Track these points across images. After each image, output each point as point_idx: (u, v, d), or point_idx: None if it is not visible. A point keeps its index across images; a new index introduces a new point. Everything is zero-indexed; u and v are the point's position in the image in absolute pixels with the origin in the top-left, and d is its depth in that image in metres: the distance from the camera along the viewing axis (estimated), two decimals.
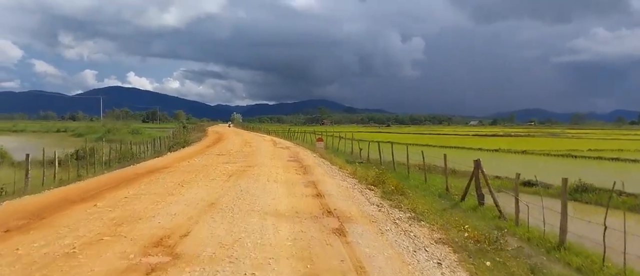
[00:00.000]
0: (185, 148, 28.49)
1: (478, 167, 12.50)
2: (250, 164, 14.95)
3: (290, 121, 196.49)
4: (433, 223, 8.10)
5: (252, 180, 10.63)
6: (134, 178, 11.44)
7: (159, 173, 12.45)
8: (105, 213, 6.79)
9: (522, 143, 47.77)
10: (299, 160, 17.55)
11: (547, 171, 21.99)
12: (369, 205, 8.38)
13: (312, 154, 22.63)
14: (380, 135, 67.18)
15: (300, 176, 12.20)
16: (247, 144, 28.47)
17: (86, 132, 69.68)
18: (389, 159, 24.51)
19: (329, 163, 18.02)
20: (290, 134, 51.95)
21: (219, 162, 15.62)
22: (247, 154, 19.57)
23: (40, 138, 64.83)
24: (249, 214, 6.71)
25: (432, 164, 23.66)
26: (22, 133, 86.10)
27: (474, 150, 38.09)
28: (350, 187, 10.84)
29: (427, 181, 17.66)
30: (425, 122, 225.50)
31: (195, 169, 13.23)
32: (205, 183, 10.02)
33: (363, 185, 12.21)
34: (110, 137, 58.79)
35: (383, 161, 24.83)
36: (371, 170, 19.80)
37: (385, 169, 20.66)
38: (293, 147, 27.10)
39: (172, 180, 10.61)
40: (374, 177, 13.45)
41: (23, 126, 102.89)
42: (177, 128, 51.09)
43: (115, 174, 13.26)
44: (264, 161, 16.31)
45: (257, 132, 65.34)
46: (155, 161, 17.37)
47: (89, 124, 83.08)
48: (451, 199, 14.53)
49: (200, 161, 16.25)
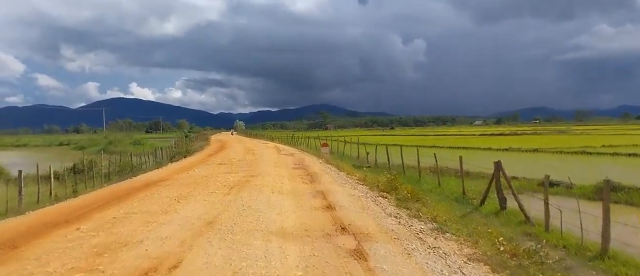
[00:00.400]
0: (186, 158, 27.69)
1: (499, 168, 11.56)
2: (253, 173, 14.07)
3: (293, 127, 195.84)
4: (459, 234, 7.20)
5: (255, 192, 9.74)
6: (128, 193, 10.59)
7: (155, 187, 11.60)
8: (87, 238, 5.93)
9: (531, 142, 46.68)
10: (304, 168, 16.66)
11: (564, 169, 20.96)
12: (386, 216, 7.47)
13: (318, 160, 21.75)
14: (385, 138, 66.22)
15: (307, 185, 11.31)
16: (250, 152, 27.63)
17: (88, 145, 69.06)
18: (397, 162, 23.58)
19: (336, 170, 17.13)
20: (294, 140, 51.09)
21: (220, 172, 14.76)
22: (249, 163, 18.71)
23: (42, 153, 64.19)
24: (252, 234, 5.82)
25: (443, 166, 22.72)
26: (24, 147, 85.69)
27: (484, 150, 37.08)
28: (362, 196, 9.93)
29: (441, 184, 16.73)
30: (428, 123, 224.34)
31: (195, 181, 12.37)
32: (204, 198, 9.14)
33: (375, 192, 11.32)
34: (112, 149, 58.21)
35: (392, 164, 23.90)
36: (381, 175, 18.89)
37: (396, 173, 19.74)
38: (297, 154, 26.23)
39: (168, 195, 9.75)
40: (386, 183, 12.55)
41: (27, 140, 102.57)
42: (179, 138, 50.36)
43: (110, 189, 12.43)
44: (268, 169, 15.44)
45: (260, 139, 64.53)
46: (153, 173, 16.54)
47: (91, 137, 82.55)
48: (469, 203, 13.59)
49: (200, 172, 15.40)
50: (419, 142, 53.26)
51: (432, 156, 20.81)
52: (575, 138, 53.88)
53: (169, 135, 79.90)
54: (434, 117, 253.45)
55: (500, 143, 43.69)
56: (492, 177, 11.92)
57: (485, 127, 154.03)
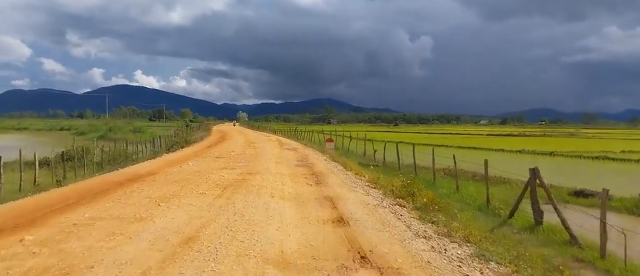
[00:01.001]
0: (184, 148, 26.25)
1: (536, 176, 10.02)
2: (251, 170, 12.58)
3: (296, 120, 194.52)
4: (504, 262, 5.69)
5: (252, 195, 8.24)
6: (106, 190, 9.12)
7: (139, 182, 10.13)
8: (24, 257, 4.46)
9: (544, 144, 44.93)
10: (308, 165, 15.15)
11: (591, 177, 19.40)
12: (413, 237, 5.95)
13: (322, 157, 20.25)
14: (389, 135, 64.58)
15: (312, 188, 9.80)
16: (251, 145, 26.15)
17: (88, 131, 67.83)
18: (408, 162, 22.03)
19: (342, 168, 15.61)
20: (297, 134, 49.56)
21: (215, 168, 13.28)
22: (249, 157, 17.22)
23: (40, 137, 62.97)
24: (241, 263, 4.32)
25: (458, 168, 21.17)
26: (25, 131, 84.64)
27: (496, 152, 35.46)
28: (377, 204, 8.42)
29: (459, 189, 15.20)
30: (433, 121, 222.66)
31: (185, 177, 10.88)
32: (191, 201, 7.66)
33: (390, 198, 9.80)
34: (111, 136, 56.82)
35: (401, 164, 22.36)
36: (393, 176, 17.34)
37: (414, 177, 18.19)
38: (301, 148, 24.73)
39: (150, 195, 8.27)
40: (401, 188, 11.04)
41: (28, 124, 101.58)
42: (180, 127, 48.94)
43: (89, 182, 10.97)
44: (268, 166, 13.94)
45: (262, 131, 63.02)
46: (144, 165, 15.09)
47: (92, 122, 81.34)
48: (494, 214, 12.05)
49: (194, 166, 13.92)
50: (425, 140, 51.55)
51: (443, 156, 19.28)
52: (588, 142, 52.04)
53: (171, 124, 78.57)
54: (438, 115, 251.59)
55: (510, 145, 41.96)
56: (526, 186, 10.39)
57: (491, 126, 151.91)
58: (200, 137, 40.82)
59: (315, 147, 27.81)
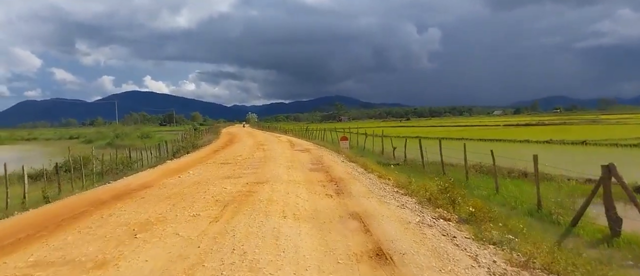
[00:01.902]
0: (189, 153, 24.70)
1: (611, 173, 8.03)
2: (260, 179, 10.80)
3: (306, 119, 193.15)
4: None
5: (259, 216, 6.44)
6: (77, 214, 7.42)
7: (125, 200, 8.43)
8: None
9: (566, 133, 42.30)
10: (325, 169, 13.33)
11: None
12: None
13: (338, 157, 18.41)
14: (404, 130, 62.29)
15: (333, 200, 7.97)
16: (260, 147, 24.43)
17: (96, 138, 66.93)
18: (431, 159, 20.08)
19: (363, 170, 13.75)
20: (308, 133, 47.81)
21: (218, 177, 11.54)
22: (258, 162, 15.46)
23: (48, 147, 62.21)
24: None
25: (485, 163, 19.17)
26: (34, 141, 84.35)
27: (521, 143, 33.15)
28: (420, 221, 6.56)
29: (500, 190, 13.24)
30: (445, 113, 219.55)
31: (181, 191, 9.15)
32: (178, 228, 5.89)
33: (429, 208, 7.94)
34: (118, 143, 55.72)
35: (425, 162, 20.42)
36: (419, 177, 15.43)
37: (436, 174, 16.25)
38: (314, 149, 22.93)
39: (129, 220, 6.53)
40: (438, 193, 9.17)
41: (38, 134, 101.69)
42: (187, 131, 47.52)
43: (68, 201, 9.32)
44: (279, 172, 12.15)
45: (272, 131, 61.38)
46: (139, 176, 13.44)
47: (100, 130, 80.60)
48: (551, 221, 10.07)
49: (194, 175, 12.21)
50: (442, 134, 49.29)
51: (468, 151, 17.33)
52: (615, 128, 49.23)
53: (181, 128, 77.50)
54: (450, 108, 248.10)
55: (534, 135, 39.48)
56: (597, 186, 8.43)
57: (506, 116, 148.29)
58: (208, 140, 39.33)
59: (329, 147, 26.01)
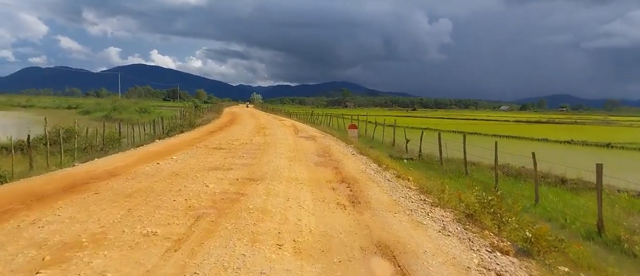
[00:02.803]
0: (184, 133, 22.62)
1: None
2: (253, 174, 8.72)
3: (311, 103, 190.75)
4: None
5: (242, 245, 4.34)
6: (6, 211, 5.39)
7: (71, 196, 6.36)
8: None
9: (588, 134, 39.90)
10: (333, 164, 11.21)
11: None
12: None
13: (347, 148, 16.27)
14: (411, 120, 59.95)
15: (348, 217, 5.86)
16: (261, 131, 22.33)
17: (94, 110, 64.92)
18: (451, 155, 17.95)
19: (377, 167, 11.64)
20: (314, 118, 45.54)
21: (204, 167, 9.46)
22: (255, 149, 13.36)
23: (41, 115, 59.94)
24: None
25: (512, 165, 17.02)
26: (32, 109, 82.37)
27: (540, 142, 30.91)
28: (480, 263, 4.47)
29: (540, 200, 11.13)
30: (451, 106, 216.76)
31: (148, 188, 7.07)
32: (109, 264, 3.81)
33: (475, 230, 5.84)
34: (115, 116, 53.69)
35: (440, 158, 18.29)
36: (439, 176, 13.31)
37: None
38: (320, 137, 20.80)
39: (48, 238, 4.46)
40: (477, 205, 7.06)
41: (36, 101, 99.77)
42: (187, 108, 45.39)
43: (6, 189, 7.28)
44: (279, 166, 10.05)
45: (276, 114, 59.18)
46: (112, 159, 11.36)
47: (98, 101, 78.53)
48: (621, 249, 7.95)
49: (177, 162, 10.14)
50: (450, 126, 46.99)
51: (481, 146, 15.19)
52: (631, 131, 46.86)
53: (183, 105, 75.41)
54: (456, 100, 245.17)
55: (549, 134, 37.04)
56: None
57: (514, 112, 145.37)
58: (207, 119, 37.24)
59: (336, 135, 23.90)
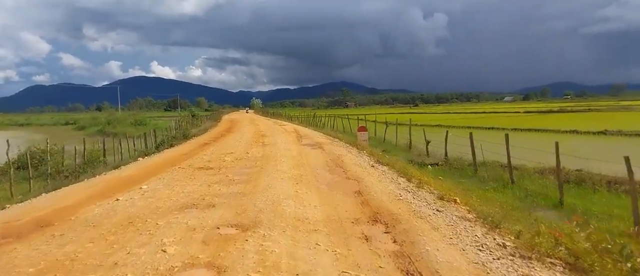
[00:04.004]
0: (174, 146, 20.14)
1: None
2: (243, 215, 6.14)
3: (312, 105, 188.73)
4: None
5: None
6: None
7: None
8: None
9: (616, 121, 36.81)
10: (353, 184, 8.62)
11: None
12: None
13: (361, 157, 13.69)
14: (415, 117, 57.12)
15: None
16: (260, 140, 19.78)
17: (89, 125, 62.67)
18: (486, 158, 15.31)
19: (406, 182, 9.06)
20: (316, 120, 42.98)
21: (176, 205, 6.90)
22: (252, 167, 10.79)
23: (36, 134, 57.90)
24: None
25: (551, 166, 14.37)
26: (28, 126, 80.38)
27: (569, 134, 28.09)
28: None
29: None
30: (452, 100, 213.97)
31: (68, 258, 4.53)
32: None
33: None
34: (109, 130, 51.37)
35: (467, 160, 15.67)
36: (480, 188, 10.71)
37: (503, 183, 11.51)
38: (327, 143, 18.21)
39: None
40: (592, 251, 4.42)
41: (35, 119, 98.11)
42: (183, 117, 42.96)
43: None
44: (281, 194, 7.47)
45: (277, 118, 56.62)
46: (61, 194, 8.83)
47: (94, 115, 76.29)
48: None
49: (143, 196, 7.59)
50: (460, 121, 44.25)
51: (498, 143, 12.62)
52: None
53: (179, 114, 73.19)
54: (457, 94, 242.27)
55: (572, 123, 34.09)
56: None
57: (519, 103, 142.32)
58: (204, 128, 34.75)
59: (343, 138, 21.35)
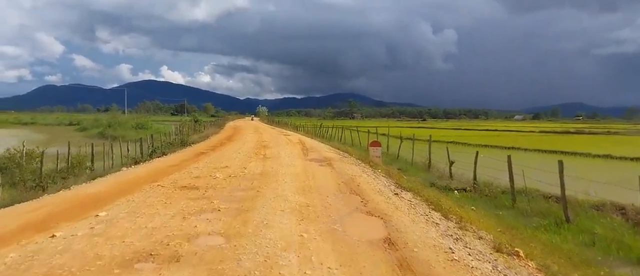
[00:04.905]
0: (166, 155, 18.23)
1: None
2: None
3: (318, 115, 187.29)
4: None
5: None
6: None
7: None
8: None
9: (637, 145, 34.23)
10: (378, 223, 6.52)
11: None
12: None
13: (378, 177, 11.60)
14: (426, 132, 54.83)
15: None
16: (261, 151, 17.76)
17: (91, 126, 61.11)
18: (518, 183, 13.11)
19: (442, 219, 6.97)
20: (323, 131, 40.86)
21: (127, 253, 4.87)
22: (247, 189, 8.75)
23: (36, 133, 56.43)
24: None
25: (600, 201, 12.11)
26: (32, 125, 79.24)
27: (601, 158, 25.69)
28: None
29: None
30: (460, 115, 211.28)
31: None
32: None
33: None
34: (110, 133, 49.68)
35: (501, 185, 13.48)
36: (527, 228, 8.57)
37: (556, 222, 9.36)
38: (336, 159, 16.13)
39: None
40: None
41: (41, 118, 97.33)
42: (185, 123, 41.16)
43: None
44: (279, 241, 5.39)
45: (282, 127, 54.68)
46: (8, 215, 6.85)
47: (97, 117, 75.01)
48: None
49: (90, 232, 5.56)
50: (473, 138, 41.83)
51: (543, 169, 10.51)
52: None
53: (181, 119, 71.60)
54: (465, 110, 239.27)
55: (607, 147, 31.34)
56: None
57: (533, 122, 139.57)
58: (205, 135, 32.90)
59: (353, 153, 19.30)
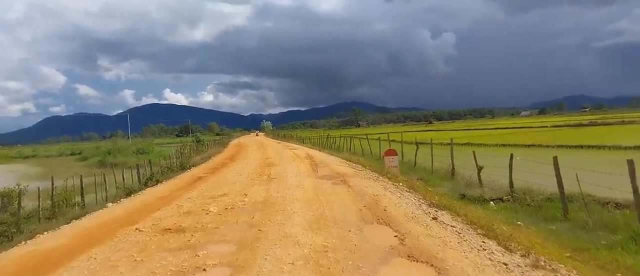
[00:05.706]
0: (159, 183, 16.48)
1: None
2: None
3: (323, 125, 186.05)
4: None
5: None
6: None
7: None
8: None
9: None
10: (424, 269, 4.66)
11: None
12: None
13: (401, 193, 9.73)
14: (435, 135, 52.85)
15: None
16: (265, 171, 15.93)
17: (91, 155, 59.81)
18: (576, 188, 11.16)
19: (506, 254, 5.06)
20: (330, 142, 38.96)
21: None
22: (245, 228, 6.92)
23: (34, 167, 55.16)
24: None
25: None
26: (33, 158, 78.19)
27: (633, 150, 23.70)
28: None
29: None
30: (466, 116, 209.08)
31: None
32: None
33: None
34: (110, 160, 48.21)
35: (548, 195, 11.53)
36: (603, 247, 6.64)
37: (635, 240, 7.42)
38: (350, 174, 14.25)
39: None
40: None
41: (43, 150, 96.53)
42: (185, 144, 39.55)
43: None
44: None
45: (288, 141, 52.93)
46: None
47: (97, 145, 73.89)
48: None
49: None
50: (488, 139, 39.75)
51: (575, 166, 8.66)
52: None
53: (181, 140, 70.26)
54: (470, 110, 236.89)
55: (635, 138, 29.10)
56: None
57: (542, 117, 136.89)
58: (207, 156, 31.20)
59: (367, 164, 17.46)
